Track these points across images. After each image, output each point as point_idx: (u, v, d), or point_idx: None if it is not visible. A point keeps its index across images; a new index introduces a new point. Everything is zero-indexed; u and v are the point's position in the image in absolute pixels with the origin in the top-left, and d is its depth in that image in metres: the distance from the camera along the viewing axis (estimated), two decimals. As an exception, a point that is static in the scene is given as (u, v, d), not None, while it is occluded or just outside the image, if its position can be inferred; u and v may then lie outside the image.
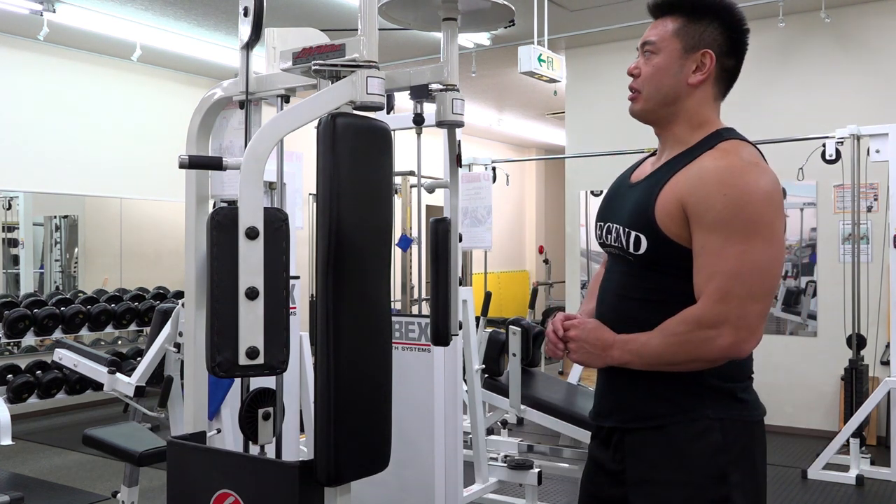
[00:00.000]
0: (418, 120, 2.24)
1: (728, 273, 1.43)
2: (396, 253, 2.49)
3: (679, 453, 1.52)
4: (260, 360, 1.58)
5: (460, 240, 2.30)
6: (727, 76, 1.64)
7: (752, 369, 1.60)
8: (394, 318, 3.11)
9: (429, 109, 2.15)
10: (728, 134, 1.59)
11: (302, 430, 3.29)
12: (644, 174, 1.65)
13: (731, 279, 1.43)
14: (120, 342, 7.01)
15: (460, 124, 2.07)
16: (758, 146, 1.61)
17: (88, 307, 5.97)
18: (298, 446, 3.26)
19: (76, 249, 7.15)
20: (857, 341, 4.92)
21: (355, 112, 1.69)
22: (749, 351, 1.47)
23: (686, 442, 1.52)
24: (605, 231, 1.67)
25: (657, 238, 1.51)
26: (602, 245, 1.72)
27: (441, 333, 2.14)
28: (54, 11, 5.55)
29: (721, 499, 1.49)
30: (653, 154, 1.72)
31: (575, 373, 5.62)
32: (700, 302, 1.46)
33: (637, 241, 1.54)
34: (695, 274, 1.48)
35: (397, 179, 4.24)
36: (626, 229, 1.57)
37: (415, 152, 2.82)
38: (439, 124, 2.07)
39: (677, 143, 1.61)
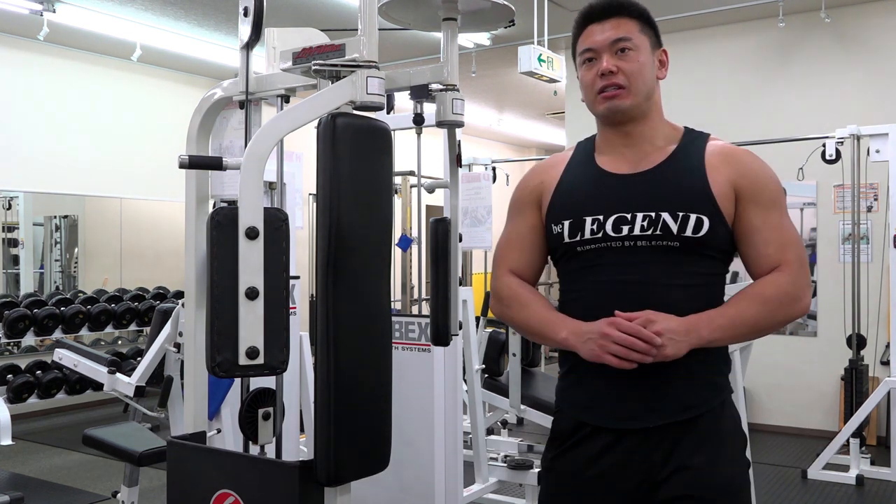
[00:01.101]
0: (418, 120, 2.23)
1: (797, 244, 1.59)
2: (396, 253, 2.48)
3: (717, 433, 1.57)
4: (260, 360, 1.58)
5: (460, 240, 2.30)
6: None
7: None
8: (394, 318, 3.11)
9: (429, 109, 2.15)
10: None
11: (302, 430, 3.29)
12: (640, 164, 1.61)
13: (801, 249, 1.59)
14: (120, 342, 7.02)
15: (460, 124, 2.07)
16: (758, 146, 1.67)
17: (88, 307, 5.97)
18: (298, 446, 3.26)
19: (76, 249, 7.15)
20: (857, 341, 4.93)
21: (355, 112, 1.68)
22: None
23: (720, 420, 1.58)
24: (614, 222, 1.57)
25: (718, 218, 1.56)
26: (592, 241, 1.60)
27: (441, 333, 2.14)
28: (54, 11, 5.55)
29: (747, 465, 1.63)
30: (589, 146, 1.71)
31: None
32: (784, 269, 1.55)
33: (698, 223, 1.54)
34: (759, 246, 1.57)
35: (397, 179, 4.25)
36: (679, 213, 1.54)
37: (415, 152, 2.81)
38: (439, 124, 2.07)
39: (658, 136, 1.64)
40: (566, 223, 1.63)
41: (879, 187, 5.46)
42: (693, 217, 1.54)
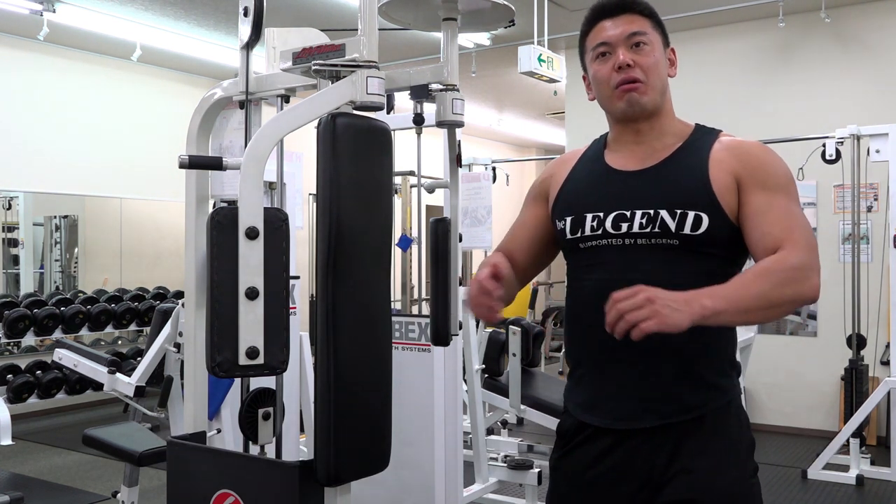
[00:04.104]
0: (418, 120, 2.23)
1: (805, 228, 1.51)
2: (396, 253, 2.49)
3: (722, 437, 1.52)
4: (260, 360, 1.58)
5: (460, 240, 2.30)
6: None
7: None
8: (394, 318, 3.11)
9: (429, 109, 2.15)
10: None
11: (302, 430, 3.29)
12: (645, 161, 1.60)
13: (810, 233, 1.51)
14: (120, 342, 7.02)
15: (460, 124, 2.07)
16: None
17: (88, 307, 5.97)
18: (298, 446, 3.26)
19: (76, 249, 7.15)
20: (857, 341, 4.93)
21: (355, 112, 1.69)
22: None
23: (726, 423, 1.53)
24: (613, 219, 1.57)
25: (719, 215, 1.51)
26: (593, 238, 1.59)
27: (441, 333, 2.14)
28: (54, 11, 5.55)
29: (754, 470, 1.56)
30: (601, 143, 1.70)
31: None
32: (789, 248, 1.45)
33: (696, 221, 1.50)
34: (763, 226, 1.49)
35: (397, 179, 4.25)
36: (677, 210, 1.51)
37: (415, 152, 2.82)
38: (439, 124, 2.07)
39: (668, 133, 1.62)
40: (568, 220, 1.64)
41: (879, 187, 5.45)
42: (691, 214, 1.51)
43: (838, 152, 4.81)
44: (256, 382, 1.94)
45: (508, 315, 4.99)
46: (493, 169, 6.08)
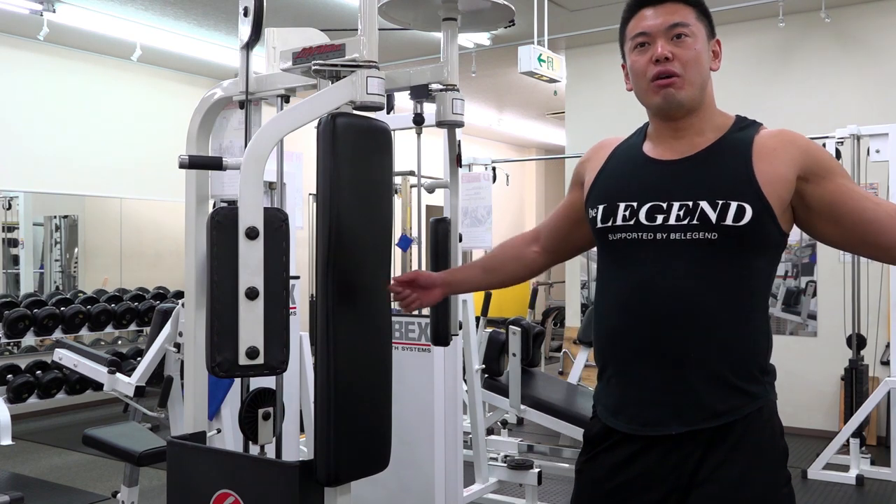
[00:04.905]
0: (418, 120, 2.23)
1: None
2: (396, 253, 2.49)
3: (752, 444, 1.47)
4: (260, 360, 1.58)
5: (460, 240, 2.30)
6: None
7: None
8: (394, 318, 3.11)
9: (429, 109, 2.15)
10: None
11: (302, 430, 3.29)
12: (684, 153, 1.54)
13: None
14: (120, 342, 7.01)
15: (460, 124, 2.07)
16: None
17: (88, 307, 5.97)
18: (298, 446, 3.26)
19: (76, 249, 7.15)
20: (857, 341, 4.92)
21: (355, 112, 1.69)
22: None
23: (758, 431, 1.48)
24: (648, 210, 1.50)
25: (763, 206, 1.44)
26: (624, 230, 1.53)
27: (441, 333, 2.14)
28: (54, 11, 5.55)
29: (786, 479, 1.51)
30: (642, 132, 1.64)
31: (575, 373, 5.62)
32: None
33: (739, 212, 1.43)
34: (859, 201, 1.47)
35: (397, 179, 4.25)
36: (719, 200, 1.45)
37: (415, 152, 2.82)
38: (439, 124, 2.07)
39: (708, 128, 1.55)
40: (600, 208, 1.57)
41: (879, 187, 5.45)
42: (734, 204, 1.43)
43: (838, 152, 4.81)
44: (256, 382, 1.94)
45: (508, 315, 4.99)
46: (493, 169, 6.08)
